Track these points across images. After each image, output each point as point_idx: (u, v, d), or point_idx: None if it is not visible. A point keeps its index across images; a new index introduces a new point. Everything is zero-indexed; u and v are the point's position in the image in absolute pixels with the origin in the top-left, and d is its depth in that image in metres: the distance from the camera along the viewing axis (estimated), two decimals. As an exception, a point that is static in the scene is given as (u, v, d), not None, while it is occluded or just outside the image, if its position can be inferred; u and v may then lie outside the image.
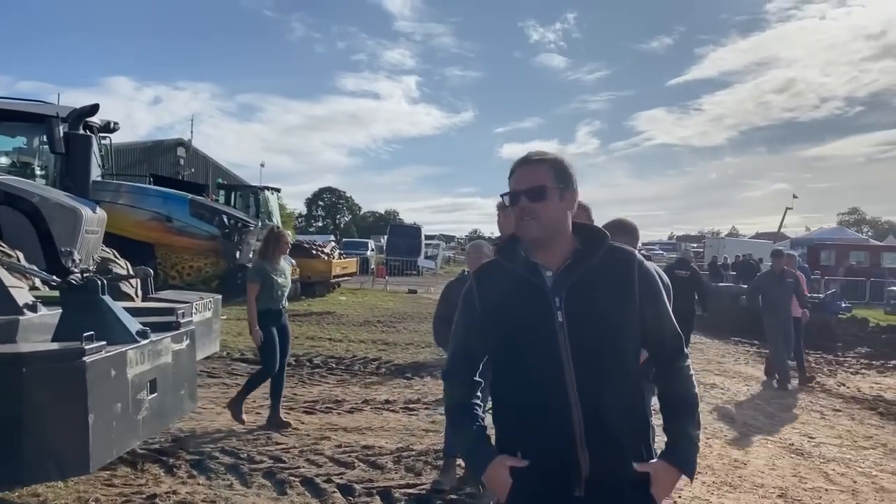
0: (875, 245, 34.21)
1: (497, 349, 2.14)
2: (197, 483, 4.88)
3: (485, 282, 2.18)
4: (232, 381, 8.29)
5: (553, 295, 2.02)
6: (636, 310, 2.05)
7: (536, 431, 2.03)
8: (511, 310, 2.08)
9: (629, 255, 2.12)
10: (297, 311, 15.92)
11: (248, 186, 22.28)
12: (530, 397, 2.04)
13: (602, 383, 2.00)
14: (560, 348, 1.99)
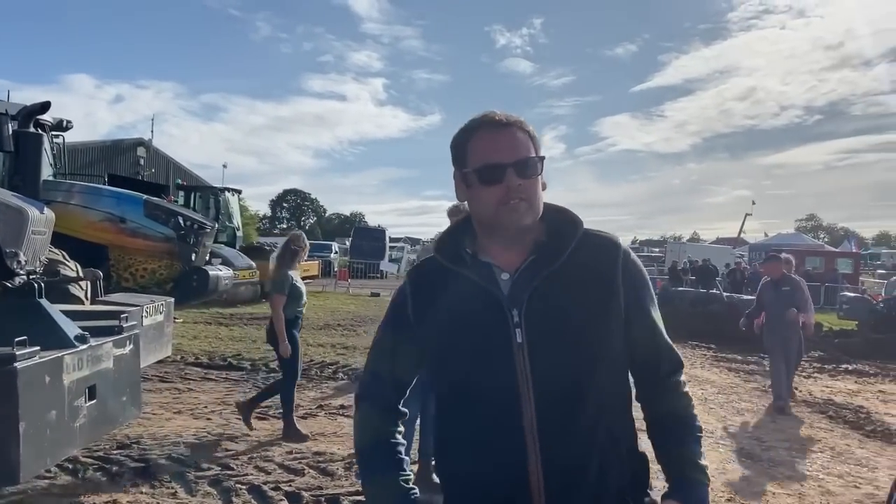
0: (830, 251, 34.98)
1: (437, 376, 1.67)
2: (140, 492, 4.77)
3: (421, 287, 1.69)
4: (184, 386, 8.16)
5: (510, 306, 1.54)
6: (621, 319, 1.58)
7: (483, 490, 1.56)
8: (454, 326, 1.58)
9: (610, 244, 1.62)
10: (257, 314, 15.75)
11: (208, 187, 21.97)
12: (477, 445, 1.56)
13: (574, 427, 1.52)
14: (518, 379, 1.51)
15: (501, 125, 1.58)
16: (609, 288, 1.58)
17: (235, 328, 13.41)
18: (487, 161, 1.55)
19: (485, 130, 1.59)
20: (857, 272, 29.25)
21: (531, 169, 1.56)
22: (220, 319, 14.50)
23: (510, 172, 1.53)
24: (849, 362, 12.32)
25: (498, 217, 1.55)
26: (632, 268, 1.63)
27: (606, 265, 1.59)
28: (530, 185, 1.56)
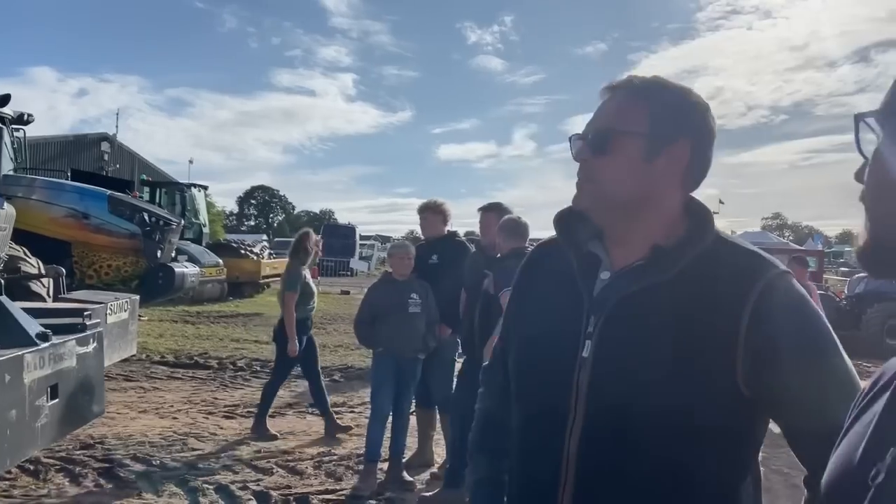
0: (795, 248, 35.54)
1: (511, 368, 1.43)
2: (104, 492, 4.68)
3: (530, 267, 1.47)
4: (150, 385, 8.03)
5: (590, 312, 1.26)
6: (732, 370, 1.15)
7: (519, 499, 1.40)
8: (536, 315, 1.37)
9: (747, 270, 1.19)
10: (224, 312, 15.59)
11: (173, 183, 21.67)
12: (520, 454, 1.37)
13: (622, 478, 1.20)
14: (569, 401, 1.23)
15: (609, 89, 1.31)
16: (721, 329, 1.15)
17: (202, 326, 13.24)
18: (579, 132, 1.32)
19: (600, 97, 1.33)
20: (821, 270, 29.75)
21: (600, 143, 1.26)
22: (187, 317, 14.31)
23: (580, 146, 1.29)
24: (812, 358, 12.54)
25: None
26: (774, 312, 1.14)
27: (731, 298, 1.16)
28: (598, 165, 1.26)
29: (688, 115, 1.28)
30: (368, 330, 5.05)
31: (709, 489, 1.21)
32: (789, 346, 1.15)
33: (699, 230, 1.26)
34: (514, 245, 4.38)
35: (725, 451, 1.21)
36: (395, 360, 4.95)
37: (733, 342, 1.15)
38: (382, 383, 4.98)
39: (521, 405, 1.38)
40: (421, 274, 5.12)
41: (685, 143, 1.26)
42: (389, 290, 5.03)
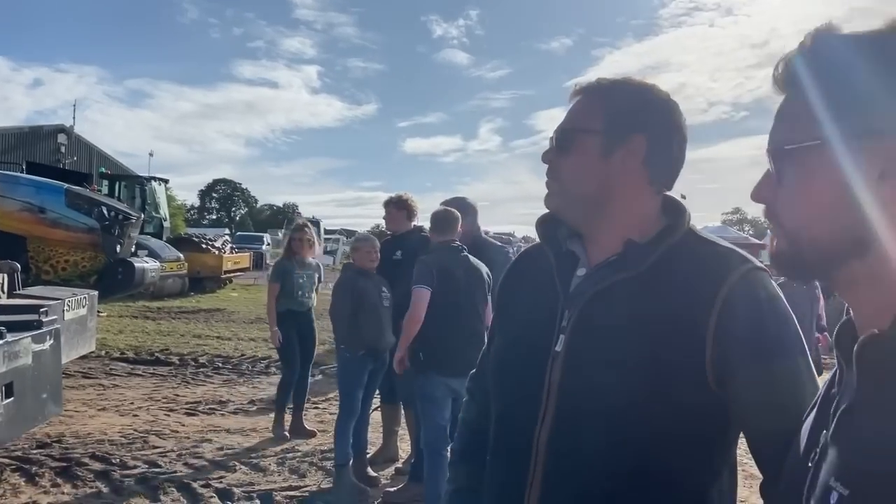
0: (755, 243, 36.14)
1: (491, 367, 1.44)
2: (61, 492, 4.59)
3: (515, 268, 1.50)
4: (109, 382, 7.89)
5: (564, 307, 1.27)
6: (702, 367, 1.14)
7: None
8: (516, 314, 1.40)
9: (717, 264, 1.19)
10: (186, 307, 15.39)
11: (133, 176, 21.30)
12: (493, 452, 1.38)
13: (588, 473, 1.19)
14: (541, 396, 1.23)
15: (577, 92, 1.33)
16: (691, 323, 1.15)
17: (163, 322, 13.05)
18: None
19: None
20: (777, 264, 30.36)
21: (562, 143, 1.29)
22: (147, 313, 14.09)
23: (549, 145, 1.32)
24: (770, 351, 12.79)
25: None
26: (740, 304, 1.14)
27: (701, 293, 1.16)
28: (561, 164, 1.28)
29: (643, 111, 1.27)
30: (351, 325, 4.82)
31: (678, 485, 1.19)
32: (752, 345, 1.13)
33: (669, 224, 1.27)
34: (443, 239, 4.33)
35: (696, 448, 1.19)
36: (372, 359, 4.89)
37: (702, 337, 1.14)
38: (358, 385, 4.87)
39: (497, 403, 1.39)
40: (385, 270, 5.09)
41: (640, 139, 1.26)
42: (368, 283, 4.92)
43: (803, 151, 0.78)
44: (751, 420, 1.16)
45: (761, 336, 1.14)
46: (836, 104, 0.76)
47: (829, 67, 0.77)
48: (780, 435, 1.04)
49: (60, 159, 26.69)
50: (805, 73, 0.79)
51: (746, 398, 1.14)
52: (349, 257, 5.33)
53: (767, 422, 1.12)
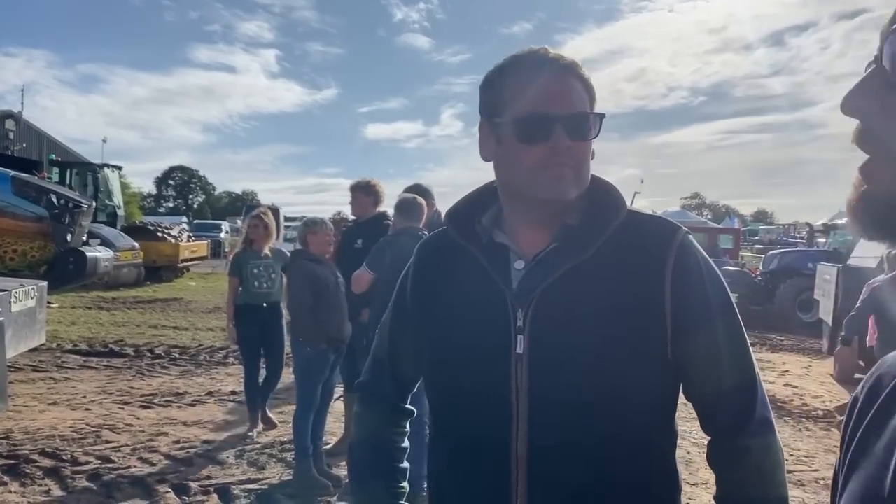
0: (713, 227, 36.70)
1: (427, 376, 1.36)
2: (8, 491, 4.40)
3: (425, 264, 1.38)
4: (61, 375, 7.65)
5: (516, 305, 1.21)
6: (663, 338, 1.18)
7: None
8: (450, 318, 1.28)
9: (662, 233, 1.23)
10: (142, 297, 15.07)
11: (85, 163, 20.75)
12: (461, 472, 1.26)
13: (573, 472, 1.18)
14: (511, 399, 1.19)
15: (555, 67, 1.21)
16: (650, 292, 1.18)
17: (118, 312, 12.73)
18: (532, 111, 1.19)
19: (532, 71, 1.21)
20: (737, 247, 30.86)
21: (586, 128, 1.21)
22: (101, 304, 13.74)
23: (559, 129, 1.18)
24: (729, 333, 12.98)
25: (534, 186, 1.20)
26: (689, 266, 1.19)
27: (651, 261, 1.19)
28: (581, 149, 1.20)
29: (594, 92, 1.27)
30: (313, 318, 4.61)
31: (652, 461, 1.23)
32: (699, 308, 1.19)
33: (606, 204, 1.25)
34: (407, 224, 4.30)
35: (662, 420, 1.24)
36: (333, 350, 4.72)
37: (661, 307, 1.17)
38: (319, 381, 4.71)
39: (452, 415, 1.30)
40: (345, 258, 4.96)
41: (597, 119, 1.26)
42: (325, 271, 4.72)
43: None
44: (700, 380, 1.23)
45: (705, 298, 1.20)
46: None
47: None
48: (729, 391, 1.21)
49: (8, 146, 25.76)
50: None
51: (697, 359, 1.20)
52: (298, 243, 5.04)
53: (716, 380, 1.21)
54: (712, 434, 1.27)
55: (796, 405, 7.65)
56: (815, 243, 18.47)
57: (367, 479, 1.42)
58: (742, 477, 1.22)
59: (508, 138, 1.22)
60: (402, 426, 1.46)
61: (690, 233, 1.26)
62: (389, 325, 1.43)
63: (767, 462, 1.22)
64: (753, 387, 1.23)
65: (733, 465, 1.23)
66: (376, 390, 1.45)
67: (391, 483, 1.40)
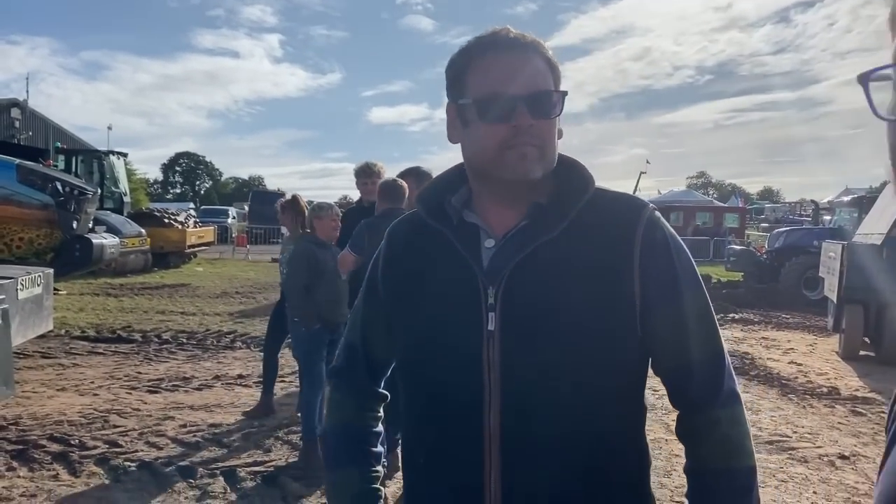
0: (718, 206, 36.62)
1: (398, 358, 1.37)
2: (17, 476, 4.46)
3: (395, 246, 1.37)
4: (69, 361, 7.72)
5: (486, 283, 1.21)
6: (633, 312, 1.20)
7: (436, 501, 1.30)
8: (420, 299, 1.29)
9: (629, 209, 1.25)
10: (149, 283, 15.14)
11: (90, 151, 20.74)
12: (433, 454, 1.28)
13: (547, 447, 1.19)
14: (483, 377, 1.20)
15: (516, 46, 1.22)
16: (619, 267, 1.20)
17: (125, 299, 12.81)
18: (493, 91, 1.20)
19: (493, 52, 1.22)
20: (743, 226, 30.78)
21: (549, 106, 1.22)
22: (109, 290, 13.82)
23: (521, 108, 1.18)
24: (735, 311, 12.97)
25: (499, 165, 1.21)
26: (656, 241, 1.22)
27: (620, 237, 1.21)
28: (545, 128, 1.21)
29: (559, 71, 1.28)
30: (306, 298, 4.74)
31: (623, 435, 1.26)
32: (667, 282, 1.22)
33: (574, 181, 1.27)
34: (388, 206, 4.36)
35: (632, 394, 1.27)
36: (328, 331, 4.79)
37: (630, 282, 1.20)
38: (319, 359, 4.77)
39: (424, 390, 1.30)
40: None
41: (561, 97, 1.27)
42: (326, 255, 4.79)
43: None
44: (669, 354, 1.25)
45: (673, 273, 1.23)
46: None
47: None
48: (698, 364, 1.24)
49: (15, 135, 25.92)
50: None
51: (666, 333, 1.23)
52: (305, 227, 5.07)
53: (684, 353, 1.23)
54: (682, 407, 1.29)
55: (801, 382, 7.66)
56: (821, 221, 18.39)
57: (342, 466, 1.41)
58: (712, 448, 1.24)
59: (472, 119, 1.23)
60: (376, 411, 1.47)
61: (657, 209, 1.28)
62: (361, 308, 1.43)
63: (736, 432, 1.24)
64: (721, 359, 1.26)
65: (704, 438, 1.25)
66: (349, 375, 1.45)
67: (366, 469, 1.40)
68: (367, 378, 1.44)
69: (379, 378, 1.46)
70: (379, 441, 1.46)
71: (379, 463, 1.43)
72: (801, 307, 13.33)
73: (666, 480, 4.58)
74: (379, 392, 1.46)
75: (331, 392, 1.48)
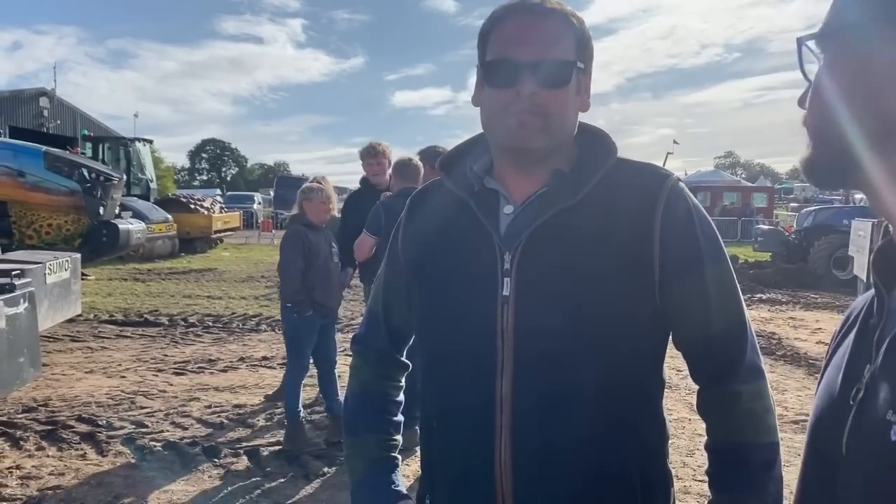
0: (746, 186, 36.14)
1: (416, 323, 1.36)
2: (46, 455, 4.55)
3: (416, 212, 1.36)
4: (97, 344, 7.85)
5: (503, 248, 1.20)
6: (652, 282, 1.17)
7: (451, 473, 1.28)
8: (438, 265, 1.27)
9: (651, 178, 1.22)
10: (176, 268, 15.31)
11: (117, 138, 21.00)
12: (447, 416, 1.28)
13: (558, 414, 1.17)
14: (497, 342, 1.18)
15: (537, 12, 1.18)
16: (638, 237, 1.16)
17: (153, 283, 12.97)
18: (502, 55, 1.18)
19: (513, 16, 1.19)
20: (771, 206, 30.36)
21: (556, 75, 1.17)
22: (137, 275, 14.00)
23: (526, 75, 1.15)
24: (763, 292, 12.80)
25: (499, 132, 1.21)
26: (679, 211, 1.19)
27: (641, 206, 1.18)
28: (551, 98, 1.16)
29: (590, 43, 1.25)
30: (302, 284, 4.66)
31: (639, 406, 1.23)
32: (690, 252, 1.19)
33: (598, 150, 1.25)
34: (403, 185, 4.37)
35: (650, 366, 1.24)
36: (320, 315, 4.76)
37: (650, 252, 1.17)
38: (308, 345, 4.77)
39: (438, 361, 1.30)
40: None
41: (589, 69, 1.25)
42: (319, 238, 4.74)
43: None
44: (689, 325, 1.22)
45: (695, 244, 1.20)
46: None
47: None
48: (718, 337, 1.21)
49: (44, 123, 26.34)
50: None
51: (685, 304, 1.20)
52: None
53: (704, 325, 1.21)
54: (702, 381, 1.26)
55: (829, 362, 7.55)
56: (851, 199, 18.06)
57: (360, 433, 1.41)
58: (733, 423, 1.21)
59: (484, 82, 1.23)
60: (397, 379, 1.46)
61: (681, 180, 1.24)
62: (383, 276, 1.43)
63: (758, 407, 1.21)
64: (743, 332, 1.22)
65: (724, 412, 1.22)
66: (371, 343, 1.44)
67: (384, 436, 1.40)
68: (389, 346, 1.43)
69: (401, 346, 1.45)
70: (399, 410, 1.45)
71: (398, 432, 1.43)
72: (831, 287, 13.11)
73: (689, 460, 4.54)
74: (400, 361, 1.46)
75: (353, 358, 1.48)
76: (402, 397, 1.46)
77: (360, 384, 1.45)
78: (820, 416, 0.79)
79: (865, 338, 0.75)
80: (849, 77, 0.69)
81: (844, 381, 0.75)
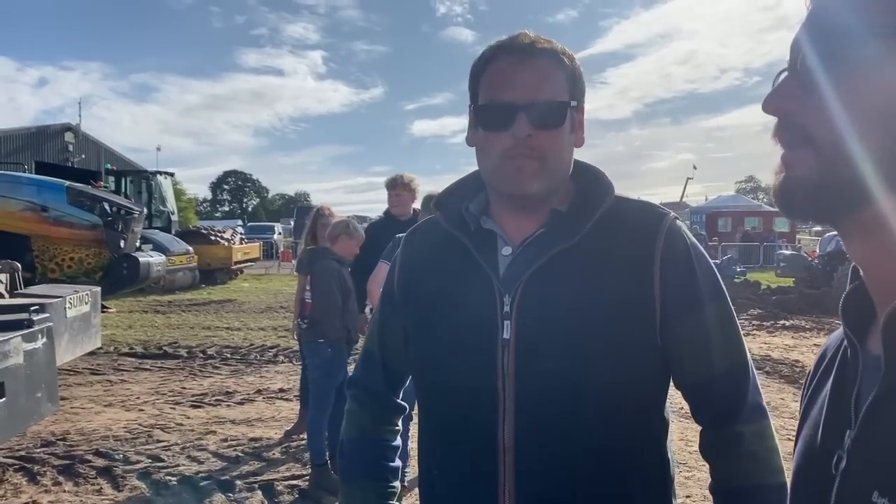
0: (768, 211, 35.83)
1: (414, 367, 1.34)
2: (62, 490, 4.56)
3: (412, 252, 1.35)
4: (117, 377, 7.88)
5: (503, 291, 1.18)
6: (653, 323, 1.16)
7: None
8: (436, 306, 1.26)
9: (650, 218, 1.21)
10: (196, 300, 15.41)
11: (138, 171, 21.35)
12: (448, 463, 1.26)
13: (562, 462, 1.15)
14: (497, 386, 1.16)
15: (526, 52, 1.17)
16: (638, 276, 1.15)
17: (173, 315, 13.06)
18: (494, 97, 1.18)
19: (504, 57, 1.19)
20: (793, 230, 30.08)
21: (550, 116, 1.16)
22: (158, 307, 14.11)
23: (521, 117, 1.14)
24: (786, 318, 12.63)
25: (497, 175, 1.19)
26: (678, 250, 1.18)
27: (639, 245, 1.17)
28: (548, 139, 1.15)
29: (582, 79, 1.24)
30: (341, 319, 4.59)
31: (641, 448, 1.20)
32: (689, 292, 1.18)
33: (594, 189, 1.24)
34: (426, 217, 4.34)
35: (651, 407, 1.22)
36: (349, 349, 4.76)
37: (650, 293, 1.16)
38: (335, 382, 4.61)
39: (439, 405, 1.28)
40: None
41: (583, 108, 1.25)
42: (346, 272, 4.74)
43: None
44: (690, 366, 1.21)
45: (695, 284, 1.19)
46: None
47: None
48: (720, 377, 1.19)
49: (69, 158, 26.77)
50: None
51: (686, 345, 1.19)
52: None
53: (706, 366, 1.19)
54: (704, 423, 1.25)
55: (854, 391, 7.40)
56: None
57: (358, 479, 1.39)
58: (737, 467, 1.19)
59: (478, 125, 1.22)
60: (394, 423, 1.44)
61: (679, 218, 1.24)
62: (379, 316, 1.42)
63: (762, 448, 1.19)
64: (745, 371, 1.21)
65: (728, 455, 1.20)
66: (367, 385, 1.43)
67: (382, 483, 1.38)
68: (385, 389, 1.41)
69: (397, 388, 1.43)
70: (397, 455, 1.44)
71: (396, 478, 1.42)
72: (855, 313, 12.90)
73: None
74: (397, 404, 1.44)
75: (349, 402, 1.46)
76: (398, 441, 1.45)
77: (359, 430, 1.43)
78: (802, 479, 0.73)
79: (842, 393, 0.67)
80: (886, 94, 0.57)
81: (824, 443, 0.67)
